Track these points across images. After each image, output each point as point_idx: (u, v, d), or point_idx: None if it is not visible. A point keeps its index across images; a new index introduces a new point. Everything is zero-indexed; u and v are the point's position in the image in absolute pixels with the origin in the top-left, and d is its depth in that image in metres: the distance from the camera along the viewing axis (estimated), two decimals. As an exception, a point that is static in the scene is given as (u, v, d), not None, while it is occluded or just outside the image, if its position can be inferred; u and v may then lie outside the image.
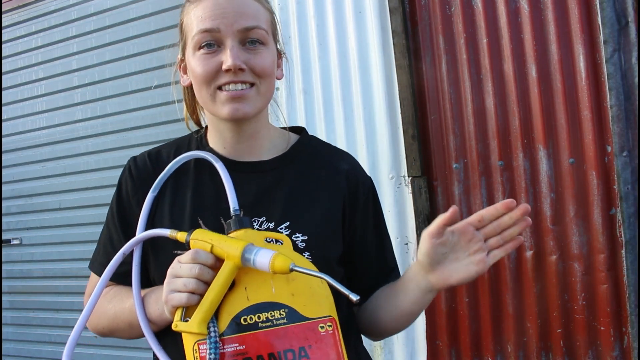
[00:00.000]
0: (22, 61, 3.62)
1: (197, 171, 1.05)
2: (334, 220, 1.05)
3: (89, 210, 3.39)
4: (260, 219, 1.00)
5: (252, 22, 0.97)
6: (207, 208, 1.02)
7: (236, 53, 0.95)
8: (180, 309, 0.88)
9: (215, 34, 0.96)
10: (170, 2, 3.06)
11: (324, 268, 0.93)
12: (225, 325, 0.88)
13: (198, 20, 0.97)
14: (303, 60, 2.58)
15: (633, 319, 2.00)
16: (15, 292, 3.73)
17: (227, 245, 0.89)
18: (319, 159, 1.10)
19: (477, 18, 2.25)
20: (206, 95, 0.99)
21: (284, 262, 0.85)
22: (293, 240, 0.99)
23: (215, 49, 0.97)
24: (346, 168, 1.10)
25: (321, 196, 1.05)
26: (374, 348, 2.44)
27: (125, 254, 1.00)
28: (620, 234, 2.04)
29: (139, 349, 3.20)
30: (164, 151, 1.11)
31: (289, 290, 0.90)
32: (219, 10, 0.96)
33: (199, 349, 0.87)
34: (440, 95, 2.32)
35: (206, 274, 0.88)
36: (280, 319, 0.88)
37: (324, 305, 0.91)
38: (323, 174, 1.07)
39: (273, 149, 1.08)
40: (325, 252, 1.01)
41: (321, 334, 0.88)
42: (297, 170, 1.06)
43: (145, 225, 1.01)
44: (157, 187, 1.03)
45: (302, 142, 1.11)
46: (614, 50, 1.99)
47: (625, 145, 2.00)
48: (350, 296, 0.83)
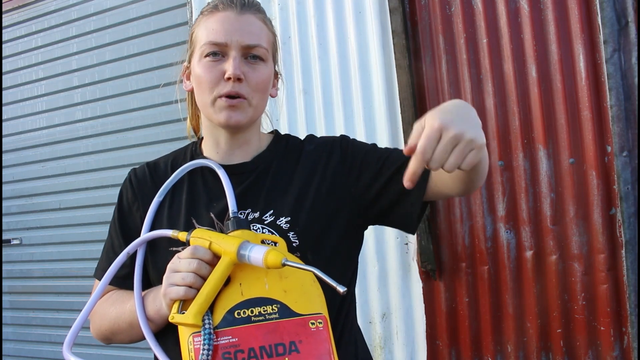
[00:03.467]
0: (22, 61, 3.63)
1: (190, 177, 1.15)
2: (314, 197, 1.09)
3: (89, 210, 3.39)
4: (246, 211, 1.07)
5: (255, 41, 1.08)
6: (200, 207, 1.10)
7: (238, 64, 1.05)
8: (178, 302, 0.92)
9: (222, 47, 1.07)
10: (170, 2, 3.06)
11: (312, 242, 1.04)
12: (219, 319, 0.92)
13: (208, 32, 1.08)
14: (303, 60, 2.58)
15: (633, 319, 2.00)
16: (15, 292, 3.73)
17: (224, 242, 0.94)
18: (290, 150, 1.17)
19: (477, 18, 2.25)
20: (207, 100, 1.08)
21: (277, 257, 0.89)
22: (278, 224, 1.05)
23: (219, 58, 1.07)
24: (311, 148, 1.16)
25: (296, 179, 1.11)
26: (374, 348, 2.44)
27: (129, 253, 1.07)
28: (620, 234, 2.04)
29: (139, 349, 3.20)
30: (162, 162, 1.20)
31: (282, 287, 0.94)
32: (228, 25, 1.07)
33: (194, 341, 0.90)
34: (440, 95, 2.32)
35: (204, 268, 0.93)
36: (272, 313, 0.92)
37: (315, 302, 0.94)
38: (293, 161, 1.15)
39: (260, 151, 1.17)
40: (309, 227, 1.06)
41: (312, 330, 0.91)
42: (274, 165, 1.14)
43: (150, 227, 1.09)
44: (162, 192, 1.12)
45: (276, 141, 1.19)
46: (614, 50, 1.99)
47: (625, 145, 2.00)
48: (338, 288, 0.86)
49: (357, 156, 1.13)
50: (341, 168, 1.12)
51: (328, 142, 1.18)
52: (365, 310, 2.43)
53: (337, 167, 1.12)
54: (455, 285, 2.30)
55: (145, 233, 1.07)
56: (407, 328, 2.41)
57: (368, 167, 1.10)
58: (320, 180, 1.11)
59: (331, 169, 1.12)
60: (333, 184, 1.11)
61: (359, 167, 1.11)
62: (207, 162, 1.11)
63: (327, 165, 1.12)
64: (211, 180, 1.12)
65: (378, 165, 1.09)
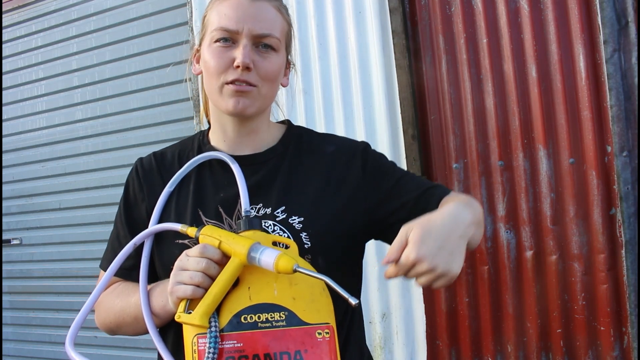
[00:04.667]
0: (22, 61, 3.62)
1: (198, 167, 1.12)
2: (329, 200, 1.08)
3: (89, 210, 3.39)
4: (257, 206, 1.05)
5: (267, 30, 1.05)
6: (207, 199, 1.08)
7: (247, 52, 1.02)
8: (184, 300, 0.91)
9: (232, 33, 1.04)
10: (170, 2, 3.06)
11: (323, 246, 1.01)
12: (225, 322, 0.90)
13: (220, 17, 1.05)
14: (303, 60, 2.58)
15: (633, 319, 2.00)
16: (15, 292, 3.73)
17: (235, 243, 0.92)
18: (306, 145, 1.15)
19: (477, 18, 2.25)
20: (215, 87, 1.06)
21: (288, 262, 0.87)
22: (290, 222, 1.02)
23: (229, 44, 1.04)
24: (332, 149, 1.14)
25: (312, 179, 1.09)
26: (374, 348, 2.44)
27: (136, 244, 1.05)
28: (620, 234, 2.04)
29: (139, 349, 3.20)
30: (169, 152, 1.17)
31: (291, 294, 0.92)
32: (240, 12, 1.04)
33: (198, 342, 0.89)
34: (440, 95, 2.32)
35: (212, 268, 0.91)
36: (279, 321, 0.90)
37: (323, 312, 0.92)
38: (311, 160, 1.12)
39: (271, 143, 1.14)
40: (323, 230, 1.04)
41: (318, 340, 0.90)
42: (289, 159, 1.12)
43: (158, 218, 1.06)
44: (173, 183, 1.10)
45: (290, 132, 1.17)
46: (614, 50, 2.00)
47: (625, 145, 2.00)
48: (350, 300, 0.84)
49: (376, 172, 1.11)
50: (360, 179, 1.10)
51: (350, 146, 1.15)
52: (365, 310, 2.43)
53: (357, 176, 1.10)
54: (455, 285, 2.30)
55: (153, 224, 1.05)
56: (407, 328, 2.41)
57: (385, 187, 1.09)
58: (339, 186, 1.09)
59: (351, 177, 1.10)
60: (351, 192, 1.09)
61: (377, 183, 1.10)
62: (221, 155, 1.09)
63: (347, 172, 1.10)
64: (219, 171, 1.09)
65: (395, 189, 1.09)
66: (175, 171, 1.11)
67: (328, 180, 1.09)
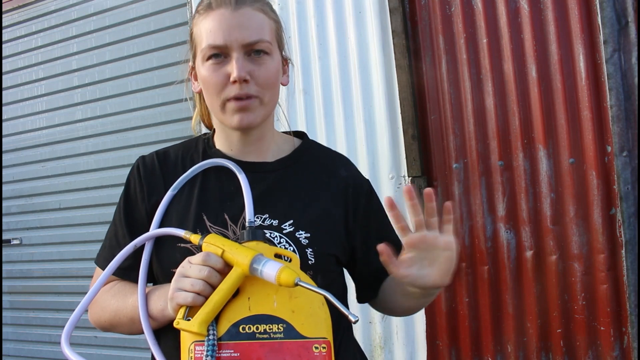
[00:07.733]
0: (22, 61, 3.63)
1: (204, 172, 1.11)
2: (334, 221, 1.09)
3: (89, 210, 3.39)
4: (263, 216, 1.04)
5: (256, 37, 1.03)
6: (212, 205, 1.07)
7: (241, 65, 1.01)
8: (184, 307, 0.91)
9: (222, 49, 1.02)
10: (170, 2, 3.06)
11: (325, 265, 1.03)
12: (223, 331, 0.90)
13: (207, 34, 1.03)
14: (303, 60, 2.58)
15: (633, 319, 2.00)
16: (15, 292, 3.73)
17: (238, 253, 0.92)
18: (319, 162, 1.15)
19: (477, 18, 2.25)
20: (217, 105, 1.05)
21: (290, 275, 0.88)
22: (297, 236, 1.02)
23: (222, 60, 1.03)
24: (345, 175, 1.15)
25: (322, 196, 1.10)
26: (374, 348, 2.44)
27: (137, 246, 1.04)
28: (620, 234, 2.04)
29: (139, 349, 3.20)
30: (172, 152, 1.16)
31: (290, 307, 0.92)
32: (225, 25, 1.02)
33: (195, 349, 0.89)
34: (440, 95, 2.32)
35: (214, 277, 0.91)
36: (277, 332, 0.90)
37: (321, 326, 0.93)
38: (323, 177, 1.13)
39: (277, 151, 1.14)
40: (327, 249, 1.05)
41: (314, 354, 0.90)
42: (299, 172, 1.12)
43: (160, 221, 1.05)
44: (177, 186, 1.08)
45: (305, 146, 1.17)
46: (614, 50, 1.99)
47: (625, 145, 2.00)
48: (350, 317, 0.86)
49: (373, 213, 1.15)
50: (362, 212, 1.13)
51: (361, 179, 1.18)
52: (365, 310, 2.42)
53: (361, 209, 1.13)
54: (455, 285, 2.30)
55: (155, 227, 1.04)
56: (407, 328, 2.41)
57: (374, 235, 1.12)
58: (347, 213, 1.11)
59: (358, 208, 1.12)
60: (352, 224, 1.11)
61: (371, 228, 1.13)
62: (228, 163, 1.07)
63: (355, 202, 1.12)
64: (225, 177, 1.08)
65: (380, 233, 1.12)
66: (178, 173, 1.10)
67: (338, 204, 1.11)
